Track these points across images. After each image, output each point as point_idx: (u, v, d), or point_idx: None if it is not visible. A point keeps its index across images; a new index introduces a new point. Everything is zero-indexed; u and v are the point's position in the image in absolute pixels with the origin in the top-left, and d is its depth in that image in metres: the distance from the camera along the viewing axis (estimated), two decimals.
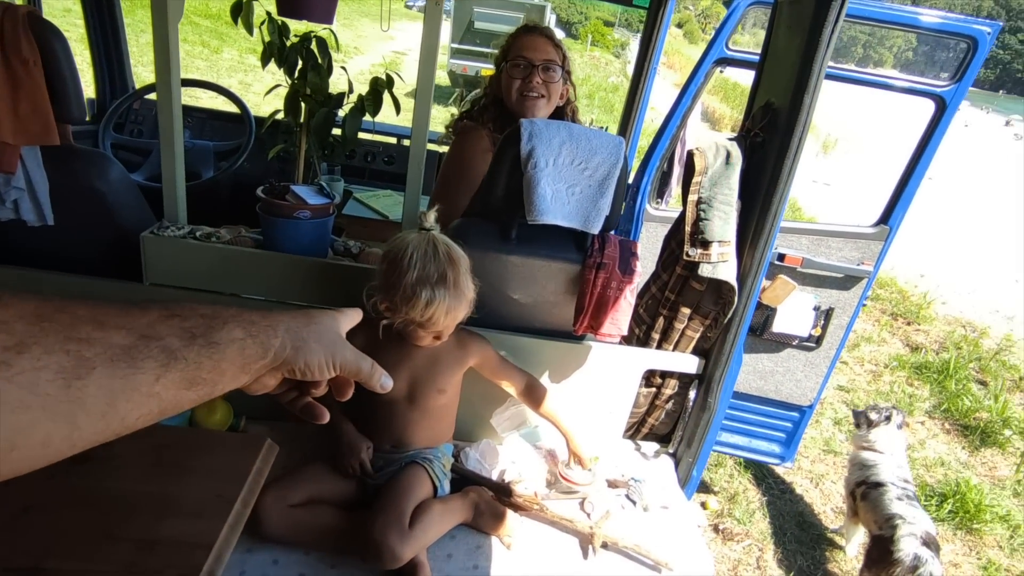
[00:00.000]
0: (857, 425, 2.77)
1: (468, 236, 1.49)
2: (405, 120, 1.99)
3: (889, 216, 2.43)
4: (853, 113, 16.20)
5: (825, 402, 4.02)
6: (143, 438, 1.12)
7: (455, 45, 10.92)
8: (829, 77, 2.30)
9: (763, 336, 2.59)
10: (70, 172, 1.59)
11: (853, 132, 16.19)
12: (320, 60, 1.75)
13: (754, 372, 2.72)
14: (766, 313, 2.55)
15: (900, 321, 5.69)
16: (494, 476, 1.58)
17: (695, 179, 1.56)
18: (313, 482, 1.37)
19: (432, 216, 1.34)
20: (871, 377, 4.60)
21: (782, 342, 2.61)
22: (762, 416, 2.81)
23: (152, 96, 2.61)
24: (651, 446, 1.86)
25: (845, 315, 2.57)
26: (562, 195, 1.47)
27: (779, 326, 2.54)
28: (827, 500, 3.17)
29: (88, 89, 2.14)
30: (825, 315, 2.56)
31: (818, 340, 2.59)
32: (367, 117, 1.72)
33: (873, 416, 2.68)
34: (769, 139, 1.51)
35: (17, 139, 1.46)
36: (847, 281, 2.52)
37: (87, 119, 2.74)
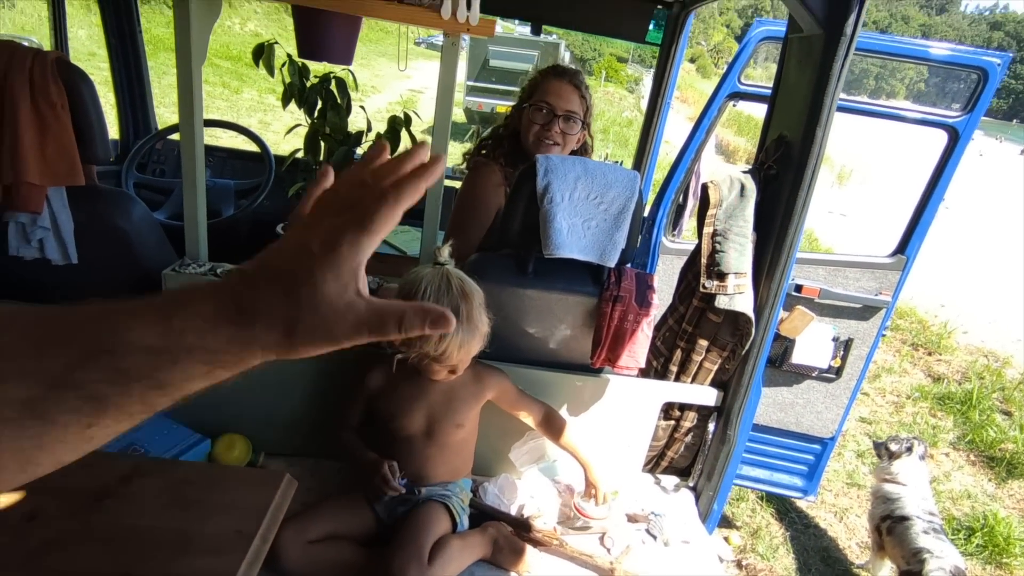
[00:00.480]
0: (879, 456, 2.71)
1: (485, 271, 1.50)
2: None
3: (906, 246, 2.42)
4: (867, 144, 16.23)
5: (847, 434, 3.94)
6: (163, 474, 1.13)
7: (471, 83, 11.11)
8: (842, 110, 2.32)
9: (782, 368, 2.56)
10: (94, 211, 1.62)
11: (868, 162, 16.19)
12: (339, 100, 1.79)
13: (774, 404, 2.69)
14: (785, 344, 2.52)
15: (921, 351, 5.61)
16: (513, 511, 1.56)
17: (710, 212, 1.57)
18: (332, 518, 1.36)
19: (446, 251, 1.35)
20: (893, 408, 4.51)
21: (802, 373, 2.58)
22: (783, 449, 2.76)
23: (174, 136, 2.67)
24: (671, 479, 1.83)
25: (864, 345, 2.54)
26: (578, 229, 1.48)
27: (798, 357, 2.51)
28: (852, 534, 3.09)
29: (112, 130, 2.20)
30: (844, 346, 2.53)
31: (838, 371, 2.56)
32: None
33: (894, 447, 2.63)
34: (783, 172, 1.52)
35: (44, 180, 1.49)
36: (865, 311, 2.50)
37: (111, 160, 2.81)
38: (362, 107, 1.94)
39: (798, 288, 2.47)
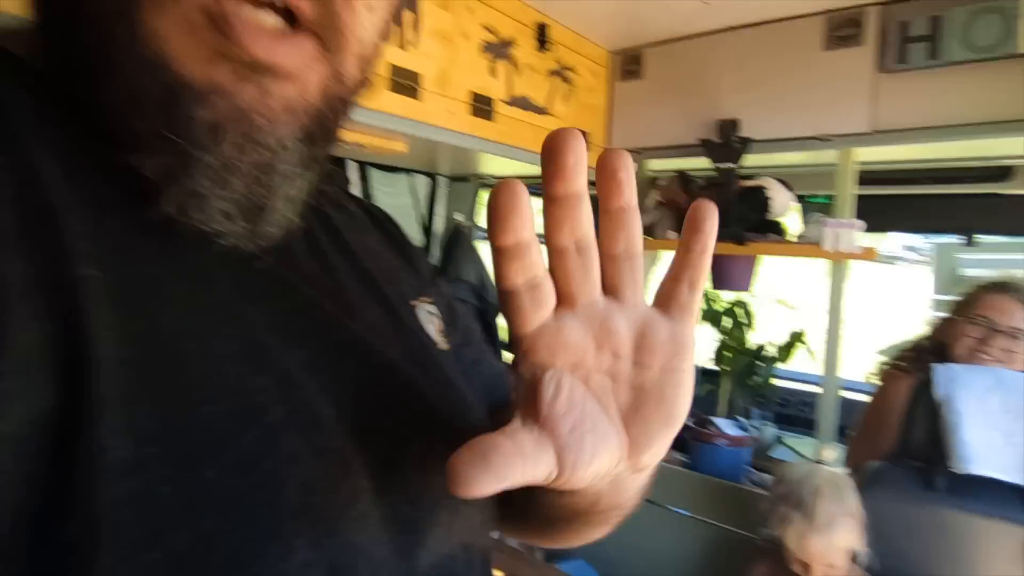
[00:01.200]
0: None
1: (884, 480, 1.48)
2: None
3: None
4: None
5: None
6: None
7: (939, 296, 9.92)
8: None
9: None
10: None
11: None
12: (742, 319, 2.10)
13: None
14: None
15: None
16: None
17: None
18: None
19: (830, 454, 1.42)
20: None
21: None
22: None
23: None
24: None
25: None
26: (997, 444, 1.36)
27: None
28: None
29: None
30: None
31: None
32: (780, 364, 1.94)
33: None
34: None
35: None
36: None
37: None
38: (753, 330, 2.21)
39: None
